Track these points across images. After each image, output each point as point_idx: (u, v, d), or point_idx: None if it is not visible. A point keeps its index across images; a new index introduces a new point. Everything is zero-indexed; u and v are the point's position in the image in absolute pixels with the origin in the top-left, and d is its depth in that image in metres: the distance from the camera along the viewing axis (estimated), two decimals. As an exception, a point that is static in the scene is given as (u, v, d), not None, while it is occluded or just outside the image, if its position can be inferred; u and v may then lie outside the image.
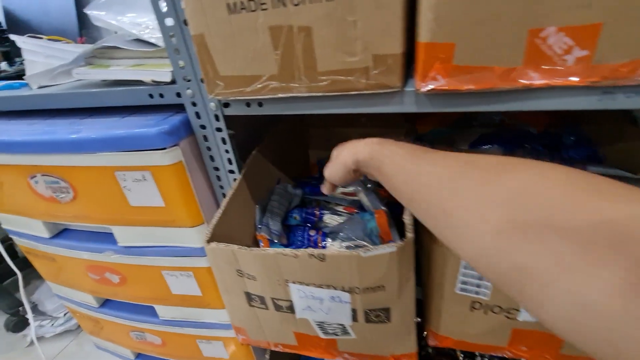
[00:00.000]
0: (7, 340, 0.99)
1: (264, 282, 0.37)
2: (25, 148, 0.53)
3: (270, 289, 0.37)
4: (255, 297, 0.39)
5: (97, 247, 0.62)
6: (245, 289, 0.39)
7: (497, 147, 0.60)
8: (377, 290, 0.33)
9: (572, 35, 0.29)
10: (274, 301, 0.39)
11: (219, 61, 0.40)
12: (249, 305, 0.41)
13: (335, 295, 0.34)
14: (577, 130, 0.60)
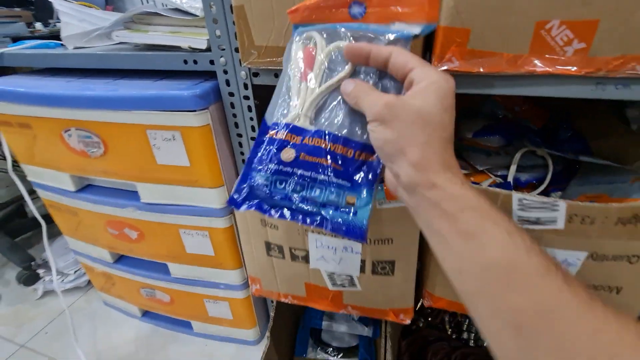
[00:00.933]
0: (18, 293, 1.04)
1: (286, 231, 0.41)
2: (63, 102, 0.57)
3: (290, 238, 0.42)
4: (275, 246, 0.44)
5: (120, 203, 0.67)
6: (267, 238, 0.44)
7: (498, 137, 0.65)
8: (386, 243, 0.38)
9: (573, 29, 0.34)
10: (292, 251, 0.43)
11: (256, 32, 0.44)
12: (267, 254, 0.45)
13: (348, 246, 0.39)
14: (572, 126, 0.65)
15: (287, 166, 0.29)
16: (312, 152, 0.29)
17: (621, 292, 0.39)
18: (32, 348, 0.88)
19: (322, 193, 0.29)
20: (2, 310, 0.99)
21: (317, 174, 0.29)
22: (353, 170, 0.29)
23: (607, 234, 0.35)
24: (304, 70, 0.30)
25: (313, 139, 0.29)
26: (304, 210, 0.29)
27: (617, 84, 0.36)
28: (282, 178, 0.29)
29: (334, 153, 0.29)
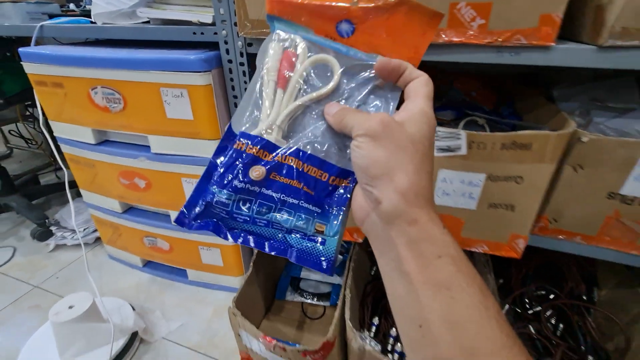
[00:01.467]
0: (32, 247, 1.16)
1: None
2: (92, 63, 0.70)
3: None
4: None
5: (132, 154, 0.79)
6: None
7: (450, 111, 0.78)
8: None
9: (475, 9, 0.47)
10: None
11: (250, 8, 0.57)
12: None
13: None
14: (513, 105, 0.78)
15: (255, 185, 0.26)
16: (285, 172, 0.26)
17: (515, 210, 0.51)
18: (44, 288, 0.99)
19: (291, 218, 0.26)
20: (17, 260, 1.11)
21: (287, 196, 0.26)
22: (325, 195, 0.27)
23: (496, 157, 0.47)
24: (282, 76, 0.27)
25: (287, 158, 0.26)
26: (267, 235, 0.27)
27: (510, 52, 0.49)
28: (248, 198, 0.26)
29: (308, 175, 0.26)
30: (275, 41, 0.28)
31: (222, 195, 0.26)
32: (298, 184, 0.26)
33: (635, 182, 0.49)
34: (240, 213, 0.27)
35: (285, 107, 0.27)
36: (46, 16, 0.87)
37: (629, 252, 0.55)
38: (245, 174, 0.26)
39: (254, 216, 0.27)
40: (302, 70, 0.27)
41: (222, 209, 0.26)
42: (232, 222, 0.27)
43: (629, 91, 0.66)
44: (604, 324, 0.71)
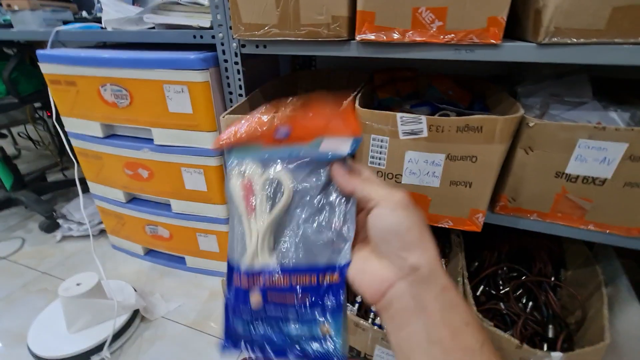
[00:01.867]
0: (40, 238, 1.22)
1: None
2: (102, 62, 0.78)
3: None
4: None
5: (136, 145, 0.87)
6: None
7: (426, 107, 0.85)
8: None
9: (434, 12, 0.54)
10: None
11: (243, 13, 0.65)
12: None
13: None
14: (483, 102, 0.85)
15: (259, 311, 0.29)
16: (278, 291, 0.28)
17: (472, 187, 0.58)
18: (51, 274, 1.06)
19: (297, 329, 0.28)
20: (26, 249, 1.18)
21: (287, 311, 0.28)
22: (320, 297, 0.28)
23: (453, 139, 0.55)
24: (249, 205, 0.29)
25: (276, 278, 0.28)
26: (284, 346, 0.29)
27: (466, 49, 0.56)
28: (258, 322, 0.29)
29: (297, 286, 0.28)
30: (234, 177, 0.30)
31: (240, 326, 0.30)
32: (292, 298, 0.28)
33: (576, 162, 0.56)
34: (258, 334, 0.29)
35: (260, 230, 0.29)
36: (60, 22, 0.96)
37: (579, 227, 0.62)
38: (248, 306, 0.29)
39: (269, 334, 0.29)
40: (259, 193, 0.29)
41: (245, 335, 0.30)
42: (255, 342, 0.30)
43: (583, 87, 0.73)
44: (568, 301, 0.77)
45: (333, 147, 0.28)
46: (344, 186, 0.27)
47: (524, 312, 0.74)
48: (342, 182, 0.27)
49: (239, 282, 0.29)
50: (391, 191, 0.25)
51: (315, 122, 0.30)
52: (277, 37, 0.65)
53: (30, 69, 1.23)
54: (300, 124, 0.30)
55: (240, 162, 0.30)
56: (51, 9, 0.96)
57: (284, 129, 0.30)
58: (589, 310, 0.68)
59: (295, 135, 0.30)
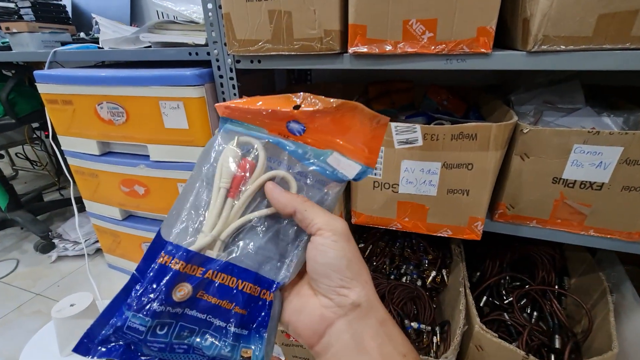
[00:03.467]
0: (34, 259, 1.21)
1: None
2: (99, 81, 0.79)
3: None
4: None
5: (133, 162, 0.87)
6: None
7: (422, 118, 0.86)
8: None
9: (424, 24, 0.55)
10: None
11: (237, 29, 0.66)
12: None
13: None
14: (478, 111, 0.86)
15: (178, 307, 0.23)
16: (215, 291, 0.23)
17: (469, 194, 0.58)
18: (46, 295, 1.03)
19: (216, 343, 0.23)
20: (20, 270, 1.15)
21: (214, 317, 0.23)
22: (254, 313, 0.24)
23: (448, 147, 0.54)
24: (236, 185, 0.25)
25: (219, 274, 0.23)
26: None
27: (457, 59, 0.57)
28: (167, 322, 0.23)
29: (241, 292, 0.24)
30: (233, 145, 0.25)
31: (136, 321, 0.22)
32: (229, 304, 0.23)
33: (573, 167, 0.56)
34: (156, 340, 0.23)
35: (233, 220, 0.24)
36: (59, 44, 0.97)
37: (579, 232, 0.61)
38: (167, 294, 0.22)
39: (172, 341, 0.23)
40: (259, 183, 0.25)
41: (134, 336, 0.22)
42: (143, 349, 0.23)
43: (575, 93, 0.74)
44: (574, 310, 0.76)
45: (340, 166, 0.26)
46: (284, 204, 0.24)
47: (528, 323, 0.73)
48: (281, 200, 0.24)
49: (169, 261, 0.23)
50: (332, 218, 0.24)
51: (335, 129, 0.26)
52: (271, 52, 0.66)
53: (29, 90, 1.24)
54: (317, 126, 0.26)
55: (241, 135, 0.26)
56: (50, 31, 0.98)
57: (299, 126, 0.26)
58: (595, 319, 0.67)
59: (309, 136, 0.26)
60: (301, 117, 0.25)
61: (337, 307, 0.23)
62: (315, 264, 0.23)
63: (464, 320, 0.61)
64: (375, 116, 0.26)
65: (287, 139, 0.26)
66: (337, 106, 0.25)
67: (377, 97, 0.98)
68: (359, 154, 0.26)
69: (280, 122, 0.26)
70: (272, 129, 0.26)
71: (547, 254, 0.86)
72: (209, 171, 0.26)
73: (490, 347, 0.59)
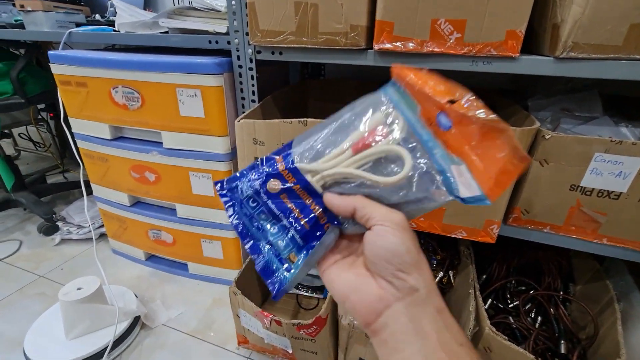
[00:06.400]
0: (37, 241, 1.20)
1: (268, 146, 0.61)
2: (115, 65, 0.78)
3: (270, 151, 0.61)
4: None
5: (145, 148, 0.86)
6: (256, 154, 0.63)
7: (438, 118, 0.86)
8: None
9: (453, 24, 0.55)
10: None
11: (261, 19, 0.65)
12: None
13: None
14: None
15: (266, 195, 0.29)
16: (294, 199, 0.29)
17: (488, 197, 0.58)
18: (49, 278, 1.03)
19: (276, 235, 0.29)
20: (23, 252, 1.15)
21: (284, 217, 0.29)
22: (313, 234, 0.28)
23: (471, 149, 0.54)
24: (362, 142, 0.27)
25: (303, 191, 0.28)
26: (254, 234, 0.30)
27: (483, 61, 0.57)
28: (257, 200, 0.30)
29: (311, 212, 0.28)
30: (382, 113, 0.28)
31: (244, 187, 0.30)
32: (299, 215, 0.28)
33: (592, 175, 0.56)
34: (247, 206, 0.30)
35: (341, 168, 0.27)
36: (73, 25, 0.96)
37: (592, 240, 0.62)
38: (265, 181, 0.29)
39: (254, 215, 0.30)
40: (380, 150, 0.27)
41: (241, 196, 0.31)
42: (240, 209, 0.31)
43: (594, 102, 0.74)
44: (578, 316, 0.76)
45: (461, 180, 0.25)
46: (344, 205, 0.26)
47: (533, 327, 0.73)
48: (340, 203, 0.26)
49: (280, 161, 0.29)
50: (391, 211, 0.25)
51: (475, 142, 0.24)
52: (294, 44, 0.65)
53: (38, 70, 1.23)
54: (461, 130, 0.24)
55: (395, 108, 0.28)
56: (64, 11, 0.97)
57: (447, 122, 0.25)
58: (601, 326, 0.68)
59: (449, 136, 0.25)
60: (451, 113, 0.25)
61: (395, 290, 0.24)
62: (375, 248, 0.25)
63: (474, 321, 0.61)
64: (517, 150, 0.23)
65: (429, 126, 0.26)
66: (489, 119, 0.23)
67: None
68: (485, 180, 0.24)
69: (435, 109, 0.26)
70: (425, 109, 0.26)
71: (553, 260, 0.87)
72: (351, 120, 0.29)
73: (500, 350, 0.59)
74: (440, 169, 0.26)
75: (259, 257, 0.30)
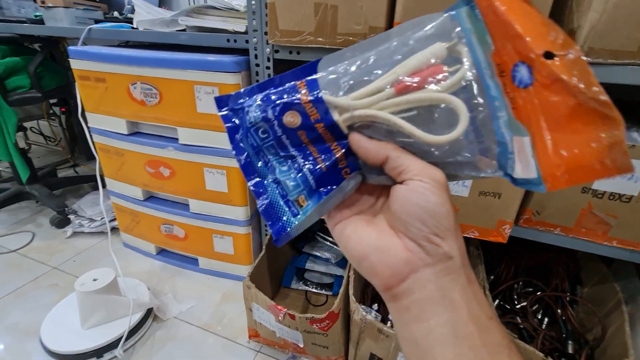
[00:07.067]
0: (50, 233, 1.22)
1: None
2: (135, 61, 0.80)
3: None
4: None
5: (161, 144, 0.88)
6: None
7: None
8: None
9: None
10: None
11: (280, 19, 0.67)
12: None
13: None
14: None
15: (280, 127, 0.24)
16: (314, 138, 0.24)
17: (501, 198, 0.59)
18: (62, 270, 1.05)
19: (287, 172, 0.24)
20: (36, 244, 1.17)
21: (298, 155, 0.24)
22: (330, 179, 0.24)
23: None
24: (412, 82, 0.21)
25: (326, 131, 0.23)
26: (259, 171, 0.26)
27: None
28: (267, 130, 0.24)
29: (332, 154, 0.23)
30: (445, 46, 0.21)
31: (252, 111, 0.24)
32: (316, 154, 0.24)
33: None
34: (254, 135, 0.25)
35: (377, 109, 0.22)
36: (92, 21, 0.98)
37: (602, 242, 0.63)
38: (281, 112, 0.23)
39: (262, 147, 0.25)
40: (432, 98, 0.21)
41: (246, 122, 0.25)
42: (245, 137, 0.25)
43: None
44: (585, 318, 0.77)
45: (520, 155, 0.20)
46: (375, 151, 0.22)
47: (540, 327, 0.74)
48: (369, 146, 0.22)
49: (302, 86, 0.23)
50: (430, 167, 0.21)
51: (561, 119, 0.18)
52: (312, 44, 0.67)
53: (53, 64, 1.25)
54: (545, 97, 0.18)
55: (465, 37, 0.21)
56: (83, 8, 0.98)
57: (528, 78, 0.19)
58: (609, 328, 0.69)
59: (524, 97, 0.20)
60: (541, 70, 0.18)
61: (426, 255, 0.21)
62: (409, 205, 0.21)
63: (484, 319, 0.63)
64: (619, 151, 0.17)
65: (499, 76, 0.20)
66: (596, 98, 0.17)
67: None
68: (550, 166, 0.19)
69: (516, 54, 0.19)
70: (500, 52, 0.20)
71: (561, 262, 0.88)
72: (397, 48, 0.22)
73: (509, 347, 0.60)
74: (501, 139, 0.21)
75: (262, 196, 0.25)
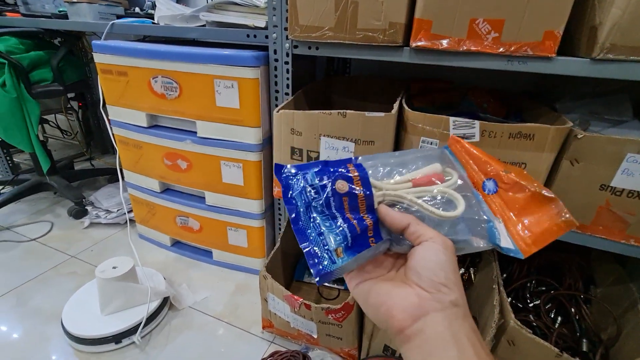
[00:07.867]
0: (68, 223, 1.25)
1: (306, 136, 0.63)
2: (156, 55, 0.82)
3: (308, 142, 0.63)
4: (297, 150, 0.65)
5: (179, 137, 0.89)
6: (292, 144, 0.66)
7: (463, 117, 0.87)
8: (369, 144, 0.59)
9: (491, 24, 0.57)
10: (308, 153, 0.65)
11: (301, 15, 0.68)
12: (290, 158, 0.67)
13: (346, 146, 0.60)
14: (519, 115, 0.87)
15: (331, 192, 0.31)
16: (352, 204, 0.31)
17: (519, 193, 0.60)
18: (80, 259, 1.07)
19: (330, 228, 0.30)
20: (55, 233, 1.20)
21: (339, 215, 0.30)
22: (360, 241, 0.30)
23: (504, 145, 0.56)
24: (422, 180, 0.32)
25: (363, 200, 0.31)
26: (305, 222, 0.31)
27: (519, 60, 0.59)
28: (320, 192, 0.31)
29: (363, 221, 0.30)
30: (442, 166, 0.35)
31: (309, 177, 0.32)
32: (351, 217, 0.31)
33: (623, 175, 0.57)
34: (307, 195, 0.31)
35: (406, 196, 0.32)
36: (114, 16, 1.00)
37: (619, 240, 0.63)
38: (335, 179, 0.31)
39: (312, 204, 0.31)
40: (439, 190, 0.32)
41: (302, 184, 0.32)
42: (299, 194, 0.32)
43: (623, 106, 0.75)
44: (598, 318, 0.77)
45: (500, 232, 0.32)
46: (399, 218, 0.29)
47: (554, 326, 0.74)
48: (396, 217, 0.30)
49: (350, 167, 0.32)
50: (441, 235, 0.28)
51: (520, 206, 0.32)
52: (331, 39, 0.68)
53: (74, 59, 1.28)
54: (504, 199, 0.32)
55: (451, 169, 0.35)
56: (106, 4, 1.01)
57: (494, 187, 0.33)
58: (624, 328, 0.68)
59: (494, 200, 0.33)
60: (504, 181, 0.33)
61: (435, 302, 0.25)
62: (423, 260, 0.27)
63: (498, 314, 0.63)
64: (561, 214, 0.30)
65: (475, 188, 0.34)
66: (538, 191, 0.31)
67: (418, 94, 1.00)
68: (521, 239, 0.31)
69: (483, 175, 0.34)
70: (471, 175, 0.35)
71: (574, 262, 0.87)
72: (415, 159, 0.35)
73: (524, 343, 0.61)
74: (487, 218, 0.32)
75: (306, 243, 0.31)
